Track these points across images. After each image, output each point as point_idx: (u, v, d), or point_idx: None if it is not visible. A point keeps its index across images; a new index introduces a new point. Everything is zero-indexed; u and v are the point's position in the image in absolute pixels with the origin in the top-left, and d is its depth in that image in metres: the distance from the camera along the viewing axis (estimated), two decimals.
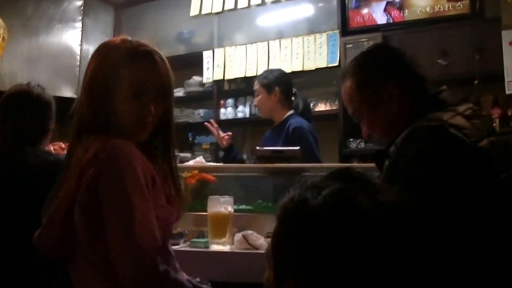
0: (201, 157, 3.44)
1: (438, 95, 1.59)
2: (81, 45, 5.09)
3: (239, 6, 4.98)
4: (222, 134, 3.54)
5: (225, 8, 5.04)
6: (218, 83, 5.15)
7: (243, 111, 5.05)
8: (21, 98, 2.23)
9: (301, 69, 4.65)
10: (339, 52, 4.53)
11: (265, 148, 2.95)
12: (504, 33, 3.87)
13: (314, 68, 4.62)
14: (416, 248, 0.87)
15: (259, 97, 3.55)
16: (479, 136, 1.42)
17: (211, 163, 3.30)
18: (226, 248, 2.23)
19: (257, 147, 3.00)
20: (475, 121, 1.47)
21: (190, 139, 5.21)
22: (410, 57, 1.65)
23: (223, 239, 2.23)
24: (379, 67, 1.63)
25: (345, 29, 4.59)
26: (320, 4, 4.86)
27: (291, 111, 3.50)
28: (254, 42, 4.92)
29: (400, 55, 1.66)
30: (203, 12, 5.14)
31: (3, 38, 3.83)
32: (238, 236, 2.23)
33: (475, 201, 1.34)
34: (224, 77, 5.02)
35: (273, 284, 0.92)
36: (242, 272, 2.11)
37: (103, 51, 1.47)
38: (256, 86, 3.57)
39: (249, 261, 2.12)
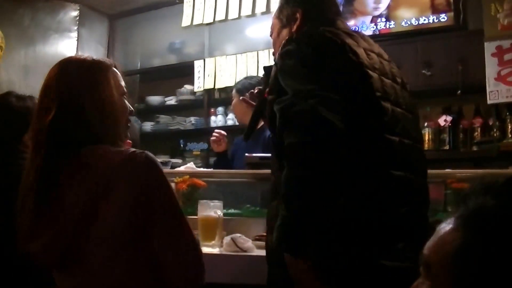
0: (191, 163, 3.48)
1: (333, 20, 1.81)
2: (76, 54, 5.14)
3: (229, 17, 5.04)
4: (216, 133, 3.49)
5: (216, 19, 5.10)
6: (209, 91, 5.21)
7: (233, 118, 5.08)
8: None
9: None
10: None
11: (254, 154, 2.98)
12: (486, 44, 3.92)
13: None
14: None
15: (233, 101, 3.56)
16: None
17: (202, 169, 3.34)
18: (215, 250, 2.26)
19: (246, 154, 3.00)
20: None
21: (182, 145, 5.27)
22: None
23: (213, 242, 2.28)
24: None
25: None
26: None
27: None
28: (244, 52, 4.97)
29: None
30: (194, 22, 5.20)
31: (1, 48, 3.90)
32: (227, 239, 2.27)
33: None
34: (214, 86, 5.08)
35: None
36: (231, 274, 2.16)
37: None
38: (233, 91, 3.61)
39: (238, 263, 2.17)
